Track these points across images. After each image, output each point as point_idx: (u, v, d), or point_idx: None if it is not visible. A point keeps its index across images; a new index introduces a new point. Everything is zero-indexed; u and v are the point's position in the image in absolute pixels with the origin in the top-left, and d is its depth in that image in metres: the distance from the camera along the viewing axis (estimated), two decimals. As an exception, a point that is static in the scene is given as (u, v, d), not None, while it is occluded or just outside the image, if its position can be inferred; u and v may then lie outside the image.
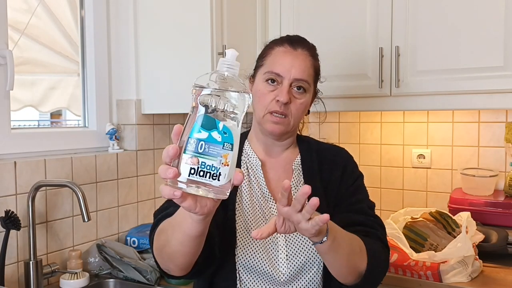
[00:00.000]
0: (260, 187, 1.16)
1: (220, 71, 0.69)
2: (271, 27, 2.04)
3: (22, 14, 1.70)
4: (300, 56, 1.14)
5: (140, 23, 1.90)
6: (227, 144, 0.66)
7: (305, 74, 1.13)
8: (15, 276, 1.48)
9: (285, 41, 1.17)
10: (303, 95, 1.14)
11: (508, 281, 1.51)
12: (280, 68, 1.12)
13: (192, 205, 0.71)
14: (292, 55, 1.14)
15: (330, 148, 1.27)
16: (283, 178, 1.16)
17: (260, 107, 1.13)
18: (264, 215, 1.13)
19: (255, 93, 1.15)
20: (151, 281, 1.58)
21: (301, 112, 1.15)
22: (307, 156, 1.21)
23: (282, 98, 1.09)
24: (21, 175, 1.50)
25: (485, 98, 1.66)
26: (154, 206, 2.02)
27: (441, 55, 1.72)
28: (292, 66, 1.12)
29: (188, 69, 1.79)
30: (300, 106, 1.13)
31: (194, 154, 0.65)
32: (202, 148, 0.65)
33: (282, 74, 1.12)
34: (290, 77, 1.11)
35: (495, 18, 1.62)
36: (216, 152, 0.65)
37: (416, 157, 2.14)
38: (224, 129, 0.66)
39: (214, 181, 0.65)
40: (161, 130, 2.05)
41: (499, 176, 1.95)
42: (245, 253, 1.09)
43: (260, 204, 1.14)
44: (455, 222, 1.70)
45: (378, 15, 1.82)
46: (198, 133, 0.66)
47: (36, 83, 1.79)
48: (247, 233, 1.10)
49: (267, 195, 1.15)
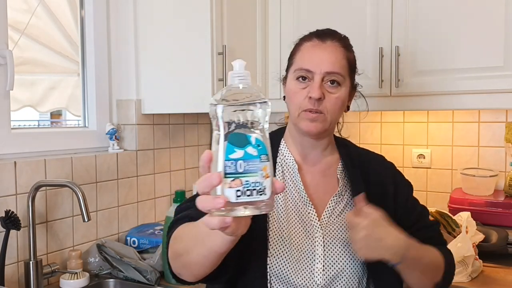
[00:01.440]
0: (298, 191, 1.10)
1: (233, 85, 0.68)
2: (271, 27, 2.04)
3: (22, 14, 1.70)
4: (329, 48, 1.07)
5: (140, 23, 1.90)
6: (263, 156, 0.64)
7: (337, 66, 1.06)
8: (15, 276, 1.48)
9: (313, 35, 1.11)
10: (338, 89, 1.06)
11: (508, 281, 1.51)
12: (309, 63, 1.06)
13: (235, 229, 0.67)
14: (321, 48, 1.07)
15: (373, 155, 1.22)
16: (322, 184, 1.12)
17: (294, 106, 1.08)
18: (301, 220, 1.08)
19: (288, 93, 1.11)
20: (151, 281, 1.58)
21: (338, 108, 1.08)
22: (348, 162, 1.14)
23: (314, 94, 1.03)
24: (21, 175, 1.50)
25: (485, 98, 1.66)
26: (154, 206, 2.02)
27: (441, 55, 1.72)
28: (321, 59, 1.06)
29: (188, 69, 1.79)
30: (336, 100, 1.06)
31: (236, 176, 0.63)
32: (242, 168, 0.63)
33: (312, 69, 1.05)
34: (321, 71, 1.05)
35: (495, 18, 1.62)
36: (256, 167, 0.64)
37: (416, 157, 2.14)
38: (257, 142, 0.65)
39: (261, 196, 0.63)
40: (161, 130, 2.05)
41: (499, 176, 1.95)
42: (278, 262, 1.03)
43: (297, 208, 1.08)
44: (455, 222, 1.70)
45: (378, 15, 1.82)
46: (233, 153, 0.63)
47: (36, 83, 1.79)
48: (281, 240, 1.04)
49: (305, 199, 1.09)
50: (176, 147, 2.14)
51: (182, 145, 2.18)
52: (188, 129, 2.22)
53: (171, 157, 2.11)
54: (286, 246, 1.04)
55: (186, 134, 2.21)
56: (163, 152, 2.07)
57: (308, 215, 1.08)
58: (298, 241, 1.05)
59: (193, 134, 2.25)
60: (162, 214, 2.04)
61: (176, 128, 2.14)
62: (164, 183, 2.08)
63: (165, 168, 2.08)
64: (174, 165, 2.13)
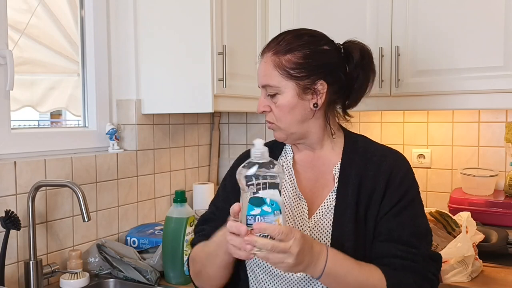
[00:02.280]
0: (293, 185, 1.15)
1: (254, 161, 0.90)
2: (271, 27, 2.04)
3: (22, 14, 1.70)
4: (263, 61, 1.12)
5: (140, 23, 1.90)
6: (276, 212, 0.87)
7: (267, 78, 1.10)
8: (15, 276, 1.48)
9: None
10: (277, 98, 1.09)
11: (508, 281, 1.51)
12: (258, 79, 1.15)
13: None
14: (261, 63, 1.14)
15: (378, 149, 1.13)
16: (318, 180, 1.14)
17: None
18: (293, 214, 1.12)
19: None
20: (151, 281, 1.58)
21: (286, 113, 1.08)
22: (348, 161, 1.12)
23: (257, 109, 1.14)
24: (21, 175, 1.50)
25: (485, 98, 1.66)
26: (154, 206, 2.03)
27: (441, 55, 1.72)
28: (259, 75, 1.14)
29: (188, 69, 1.79)
30: (279, 109, 1.09)
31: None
32: (260, 220, 0.87)
33: (259, 85, 1.15)
34: (261, 86, 1.13)
35: (495, 18, 1.62)
36: (270, 220, 0.87)
37: (416, 157, 2.14)
38: (271, 202, 0.87)
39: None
40: (161, 130, 2.05)
41: (499, 176, 1.95)
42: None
43: (290, 202, 1.13)
44: (455, 222, 1.70)
45: (378, 15, 1.82)
46: (252, 211, 0.87)
47: (36, 83, 1.79)
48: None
49: (299, 195, 1.13)
50: (176, 147, 2.14)
51: (182, 145, 2.18)
52: (188, 129, 2.22)
53: (171, 157, 2.11)
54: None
55: (186, 134, 2.21)
56: (163, 152, 2.07)
57: (300, 209, 1.12)
58: None
59: (193, 134, 2.25)
60: (162, 214, 2.04)
61: (176, 128, 2.14)
62: (164, 183, 2.08)
63: (165, 168, 2.08)
64: (174, 165, 2.13)
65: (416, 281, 1.01)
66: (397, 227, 1.04)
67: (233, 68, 1.80)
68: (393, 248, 1.02)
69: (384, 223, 1.05)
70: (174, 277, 1.60)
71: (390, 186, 1.06)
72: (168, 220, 1.61)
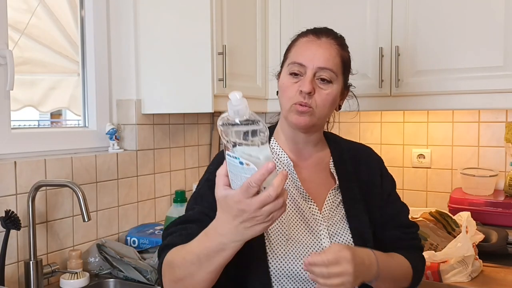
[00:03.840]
0: (296, 188, 1.11)
1: (232, 117, 0.76)
2: (271, 27, 2.04)
3: (22, 14, 1.70)
4: (324, 45, 1.08)
5: (140, 23, 1.90)
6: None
7: (330, 63, 1.07)
8: (15, 276, 1.48)
9: (310, 32, 1.13)
10: (329, 86, 1.08)
11: (508, 281, 1.51)
12: (302, 57, 1.08)
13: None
14: (315, 44, 1.09)
15: (362, 147, 1.25)
16: (317, 178, 1.14)
17: (285, 100, 1.10)
18: (302, 216, 1.09)
19: (280, 87, 1.12)
20: (151, 281, 1.58)
21: (328, 104, 1.09)
22: (339, 156, 1.18)
23: (305, 88, 1.05)
24: (21, 175, 1.50)
25: (485, 98, 1.66)
26: (154, 206, 2.02)
27: (441, 55, 1.72)
28: (315, 54, 1.07)
29: (188, 69, 1.79)
30: (326, 97, 1.07)
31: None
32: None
33: (305, 63, 1.07)
34: (313, 66, 1.06)
35: (495, 18, 1.62)
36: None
37: (416, 157, 2.14)
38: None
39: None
40: (161, 130, 2.05)
41: (499, 176, 1.95)
42: (279, 260, 1.03)
43: (296, 205, 1.10)
44: (455, 222, 1.70)
45: (378, 15, 1.82)
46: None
47: (36, 83, 1.79)
48: (281, 238, 1.05)
49: (305, 195, 1.11)
50: (176, 147, 2.14)
51: (182, 145, 2.18)
52: (188, 129, 2.22)
53: (171, 157, 2.11)
54: (286, 243, 1.04)
55: (186, 134, 2.21)
56: (163, 152, 2.07)
57: (309, 210, 1.10)
58: (300, 236, 1.06)
59: (193, 134, 2.25)
60: (162, 214, 2.04)
61: (176, 128, 2.14)
62: (164, 183, 2.08)
63: (165, 168, 2.08)
64: (174, 165, 2.13)
65: (419, 254, 1.20)
66: (398, 213, 1.20)
67: (233, 68, 1.80)
68: (400, 233, 1.17)
69: (387, 211, 1.17)
70: (174, 277, 1.60)
71: (383, 177, 1.21)
72: (168, 220, 1.62)
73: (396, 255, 1.13)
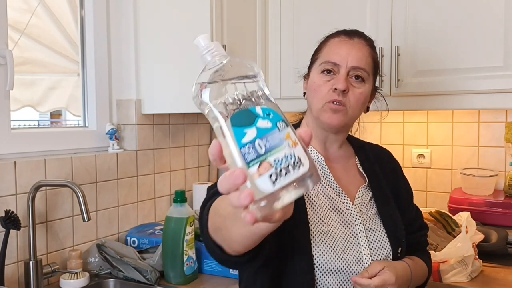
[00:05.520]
0: (329, 183, 1.11)
1: (213, 63, 0.59)
2: (271, 27, 2.04)
3: (22, 14, 1.69)
4: (357, 45, 1.10)
5: (140, 23, 1.90)
6: (279, 123, 0.52)
7: (363, 62, 1.08)
8: (15, 276, 1.48)
9: (341, 33, 1.14)
10: (362, 85, 1.09)
11: (508, 281, 1.51)
12: (336, 56, 1.08)
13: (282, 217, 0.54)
14: (348, 43, 1.10)
15: (383, 150, 1.29)
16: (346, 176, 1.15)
17: (317, 99, 1.09)
18: (337, 211, 1.09)
19: (311, 86, 1.11)
20: (151, 281, 1.58)
21: (360, 104, 1.09)
22: (365, 157, 1.20)
23: (340, 85, 1.04)
24: (21, 175, 1.50)
25: (485, 98, 1.66)
26: (154, 206, 2.03)
27: (441, 55, 1.72)
28: (348, 54, 1.07)
29: (188, 69, 1.79)
30: (359, 96, 1.08)
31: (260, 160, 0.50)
32: (263, 147, 0.50)
33: (338, 62, 1.07)
34: (347, 65, 1.07)
35: (495, 18, 1.62)
36: (278, 139, 0.51)
37: (416, 157, 2.14)
38: (264, 111, 0.52)
39: (301, 168, 0.50)
40: (161, 130, 2.05)
41: (499, 176, 1.95)
42: (323, 254, 1.02)
43: (331, 200, 1.09)
44: (455, 222, 1.70)
45: (378, 15, 1.82)
46: (245, 136, 0.51)
47: (36, 83, 1.79)
48: (322, 232, 1.04)
49: (338, 190, 1.11)
50: (176, 147, 2.14)
51: (182, 145, 2.18)
52: (188, 129, 2.22)
53: (171, 157, 2.11)
54: (327, 237, 1.04)
55: (186, 134, 2.21)
56: (163, 152, 2.07)
57: (343, 204, 1.10)
58: (338, 231, 1.07)
59: (193, 134, 2.25)
60: (162, 214, 2.04)
61: (176, 128, 2.14)
62: (164, 183, 2.08)
63: (165, 168, 2.08)
64: (174, 165, 2.13)
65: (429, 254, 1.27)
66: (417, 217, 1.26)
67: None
68: (419, 236, 1.24)
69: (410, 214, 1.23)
70: (174, 277, 1.60)
71: (405, 180, 1.27)
72: (168, 220, 1.62)
73: (417, 259, 1.18)
